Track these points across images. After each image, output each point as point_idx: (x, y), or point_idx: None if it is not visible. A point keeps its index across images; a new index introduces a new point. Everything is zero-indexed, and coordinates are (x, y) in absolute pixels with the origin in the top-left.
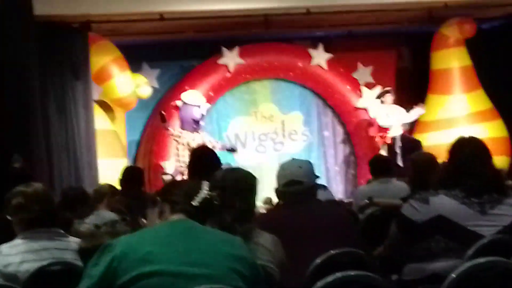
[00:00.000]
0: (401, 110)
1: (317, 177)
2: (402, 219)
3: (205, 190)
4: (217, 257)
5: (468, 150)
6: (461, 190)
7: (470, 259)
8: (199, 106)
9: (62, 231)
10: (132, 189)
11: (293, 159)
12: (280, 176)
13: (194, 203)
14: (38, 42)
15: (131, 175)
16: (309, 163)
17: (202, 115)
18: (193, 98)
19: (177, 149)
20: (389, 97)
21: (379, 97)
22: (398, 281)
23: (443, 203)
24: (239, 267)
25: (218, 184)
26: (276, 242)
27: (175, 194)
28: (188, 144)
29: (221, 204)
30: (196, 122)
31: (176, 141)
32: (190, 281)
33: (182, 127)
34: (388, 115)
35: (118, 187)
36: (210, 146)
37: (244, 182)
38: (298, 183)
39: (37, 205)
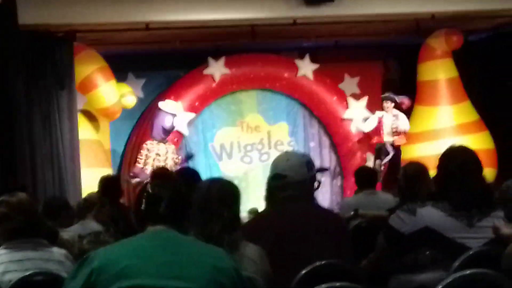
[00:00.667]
0: (402, 118)
1: (319, 170)
2: (390, 230)
3: (148, 188)
4: (198, 269)
5: (459, 161)
6: (449, 202)
7: (456, 271)
8: (173, 116)
9: (46, 242)
10: (110, 199)
11: (286, 152)
12: (270, 170)
13: (142, 206)
14: (23, 52)
15: (107, 185)
16: (303, 156)
17: (173, 127)
18: (169, 107)
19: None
20: (390, 105)
21: (387, 98)
22: None
23: (430, 215)
24: (222, 279)
25: (203, 195)
26: (262, 253)
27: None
28: (153, 158)
29: (209, 215)
30: (165, 131)
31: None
32: None
33: (151, 135)
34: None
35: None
36: (171, 162)
37: (228, 190)
38: (282, 177)
39: (21, 215)
